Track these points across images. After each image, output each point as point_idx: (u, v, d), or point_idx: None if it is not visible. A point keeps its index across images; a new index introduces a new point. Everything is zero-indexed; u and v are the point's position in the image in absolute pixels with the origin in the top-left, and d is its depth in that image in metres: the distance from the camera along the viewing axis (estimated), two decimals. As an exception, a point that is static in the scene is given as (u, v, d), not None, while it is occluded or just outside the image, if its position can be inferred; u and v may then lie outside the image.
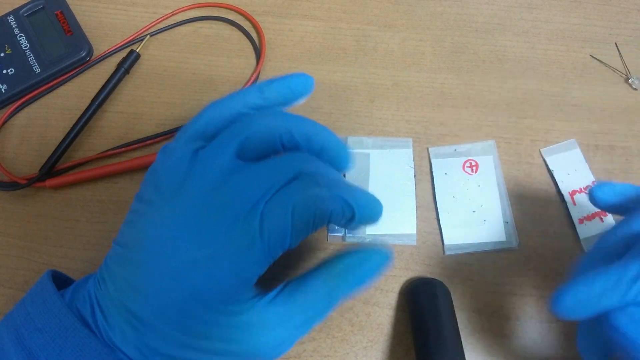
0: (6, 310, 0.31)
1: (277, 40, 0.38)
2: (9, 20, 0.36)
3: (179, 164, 0.22)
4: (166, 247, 0.21)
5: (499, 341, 0.31)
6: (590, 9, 0.39)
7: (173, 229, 0.21)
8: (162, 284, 0.21)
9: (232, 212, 0.21)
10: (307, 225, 0.21)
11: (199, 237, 0.21)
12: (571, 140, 0.35)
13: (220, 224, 0.21)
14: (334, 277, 0.22)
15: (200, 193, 0.22)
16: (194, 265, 0.21)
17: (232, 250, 0.21)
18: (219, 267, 0.21)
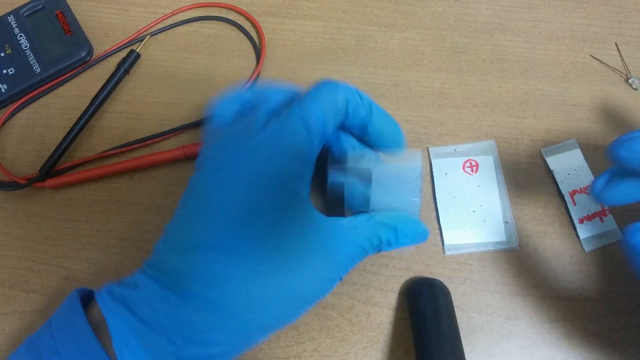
0: (6, 310, 0.31)
1: (277, 40, 0.38)
2: (9, 20, 0.36)
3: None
4: (226, 152, 0.24)
5: (499, 341, 0.31)
6: (590, 9, 0.39)
7: (229, 143, 0.25)
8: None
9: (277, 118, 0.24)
10: (332, 105, 0.24)
11: (252, 134, 0.24)
12: (571, 140, 0.35)
13: (270, 126, 0.24)
14: (380, 222, 0.25)
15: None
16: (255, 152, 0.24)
17: (282, 133, 0.24)
18: (274, 144, 0.23)
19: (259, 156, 0.23)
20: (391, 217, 0.26)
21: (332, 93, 0.24)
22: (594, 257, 0.32)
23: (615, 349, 0.30)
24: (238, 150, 0.24)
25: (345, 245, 0.24)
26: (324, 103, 0.24)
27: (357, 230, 0.25)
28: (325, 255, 0.23)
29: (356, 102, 0.25)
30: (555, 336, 0.31)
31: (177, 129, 0.35)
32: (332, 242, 0.24)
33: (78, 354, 0.21)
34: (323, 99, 0.24)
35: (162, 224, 0.33)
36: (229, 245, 0.22)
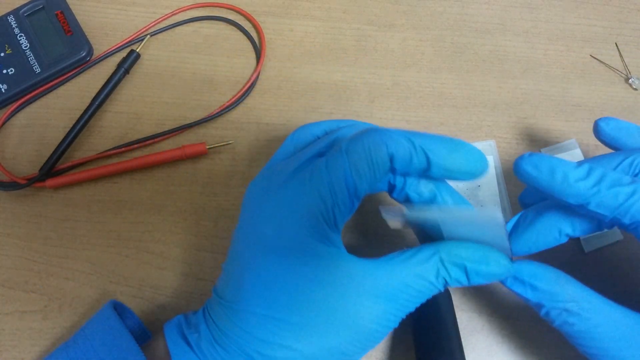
0: (6, 310, 0.31)
1: (277, 40, 0.38)
2: (9, 20, 0.36)
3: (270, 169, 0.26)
4: (254, 206, 0.24)
5: (499, 341, 0.31)
6: (590, 9, 0.39)
7: (259, 191, 0.24)
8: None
9: (305, 171, 0.23)
10: (366, 163, 0.21)
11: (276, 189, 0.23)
12: (571, 140, 0.35)
13: (296, 179, 0.22)
14: (450, 266, 0.22)
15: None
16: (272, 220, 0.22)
17: (301, 193, 0.22)
18: (291, 205, 0.22)
19: (280, 216, 0.22)
20: (461, 251, 0.22)
21: (368, 149, 0.21)
22: (594, 257, 0.32)
23: None
24: (261, 207, 0.23)
25: (390, 293, 0.21)
26: (356, 161, 0.21)
27: (410, 271, 0.22)
28: (362, 311, 0.21)
29: (405, 154, 0.21)
30: (555, 336, 0.31)
31: (177, 129, 0.34)
32: (371, 294, 0.21)
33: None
34: (356, 156, 0.21)
35: (162, 224, 0.33)
36: (260, 312, 0.21)
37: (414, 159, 0.22)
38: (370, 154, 0.21)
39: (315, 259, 0.21)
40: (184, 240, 0.32)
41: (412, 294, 0.22)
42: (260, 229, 0.22)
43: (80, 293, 0.31)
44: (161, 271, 0.32)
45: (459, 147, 0.22)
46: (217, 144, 0.34)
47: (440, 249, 0.22)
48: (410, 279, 0.21)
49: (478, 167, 0.22)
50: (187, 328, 0.23)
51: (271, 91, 0.36)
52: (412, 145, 0.21)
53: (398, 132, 0.22)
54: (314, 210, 0.21)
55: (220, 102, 0.36)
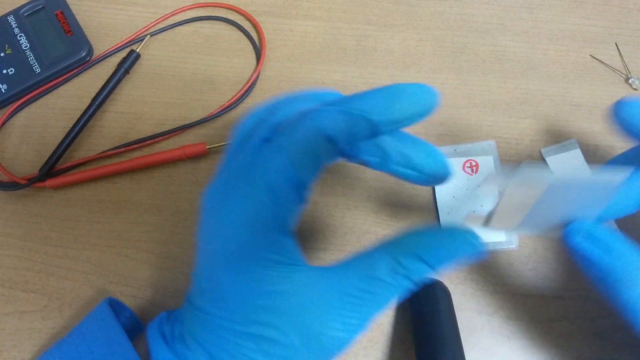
0: (6, 310, 0.31)
1: (277, 40, 0.38)
2: (9, 20, 0.36)
3: (222, 165, 0.24)
4: (207, 216, 0.22)
5: (499, 341, 0.31)
6: (590, 9, 0.39)
7: (211, 199, 0.22)
8: (208, 247, 0.22)
9: (247, 173, 0.21)
10: (305, 155, 0.20)
11: (220, 202, 0.21)
12: (571, 140, 0.35)
13: (241, 184, 0.21)
14: (403, 259, 0.20)
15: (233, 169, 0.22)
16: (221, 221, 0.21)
17: (245, 202, 0.20)
18: (236, 217, 0.20)
19: (225, 230, 0.21)
20: (410, 241, 0.21)
21: (304, 140, 0.20)
22: (594, 257, 0.32)
23: (615, 349, 0.30)
24: (211, 217, 0.22)
25: (347, 301, 0.20)
26: (294, 157, 0.20)
27: (363, 274, 0.20)
28: (321, 321, 0.20)
29: (345, 129, 0.20)
30: (555, 336, 0.31)
31: (177, 129, 0.34)
32: (327, 305, 0.20)
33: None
34: (293, 151, 0.20)
35: (162, 224, 0.33)
36: (220, 323, 0.21)
37: (357, 129, 0.20)
38: (307, 145, 0.20)
39: (267, 272, 0.20)
40: (184, 241, 0.32)
41: (371, 298, 0.20)
42: (212, 241, 0.21)
43: (80, 293, 0.31)
44: (161, 271, 0.32)
45: (397, 94, 0.20)
46: (217, 144, 0.34)
47: (390, 244, 0.21)
48: (364, 283, 0.20)
49: (425, 104, 0.21)
50: (166, 325, 0.23)
51: (271, 91, 0.36)
52: (349, 117, 0.20)
53: (331, 107, 0.20)
54: (259, 219, 0.20)
55: (220, 102, 0.36)
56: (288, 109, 0.23)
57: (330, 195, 0.33)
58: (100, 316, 0.25)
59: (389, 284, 0.20)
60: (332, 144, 0.20)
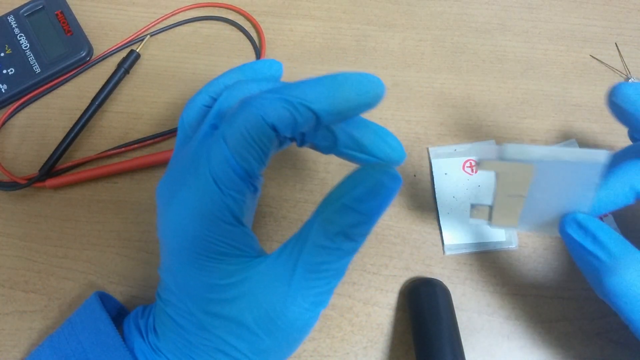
0: (6, 310, 0.31)
1: (277, 40, 0.38)
2: (9, 20, 0.36)
3: (172, 159, 0.24)
4: (160, 212, 0.22)
5: (499, 341, 0.31)
6: (590, 8, 0.39)
7: (163, 194, 0.22)
8: (166, 240, 0.22)
9: (193, 164, 0.21)
10: (248, 143, 0.19)
11: (174, 191, 0.21)
12: (571, 140, 0.35)
13: (188, 176, 0.21)
14: (331, 214, 0.19)
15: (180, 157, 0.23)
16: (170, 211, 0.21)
17: (193, 195, 0.20)
18: (186, 211, 0.20)
19: (176, 224, 0.21)
20: (332, 192, 0.19)
21: (246, 130, 0.19)
22: (594, 257, 0.32)
23: (615, 349, 0.30)
24: (165, 212, 0.22)
25: (300, 283, 0.20)
26: (237, 147, 0.20)
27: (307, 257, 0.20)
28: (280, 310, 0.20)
29: (287, 118, 0.19)
30: (555, 336, 0.31)
31: (177, 129, 0.34)
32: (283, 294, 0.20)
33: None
34: (235, 141, 0.19)
35: (162, 224, 0.33)
36: (176, 306, 0.22)
37: (299, 119, 0.20)
38: (250, 135, 0.19)
39: (219, 265, 0.20)
40: (184, 240, 0.32)
41: (324, 268, 0.20)
42: (166, 235, 0.21)
43: (80, 293, 0.31)
44: (161, 271, 0.32)
45: (340, 83, 0.20)
46: (217, 144, 0.34)
47: (320, 206, 0.20)
48: (311, 256, 0.19)
49: (371, 94, 0.21)
50: (141, 318, 0.24)
51: (271, 91, 0.36)
52: (290, 105, 0.19)
53: (271, 94, 0.20)
54: (209, 212, 0.20)
55: (220, 102, 0.36)
56: (233, 94, 0.22)
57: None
58: (89, 307, 0.25)
59: (331, 248, 0.19)
60: (275, 132, 0.20)
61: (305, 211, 0.33)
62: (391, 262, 0.32)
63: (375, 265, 0.32)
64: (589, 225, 0.23)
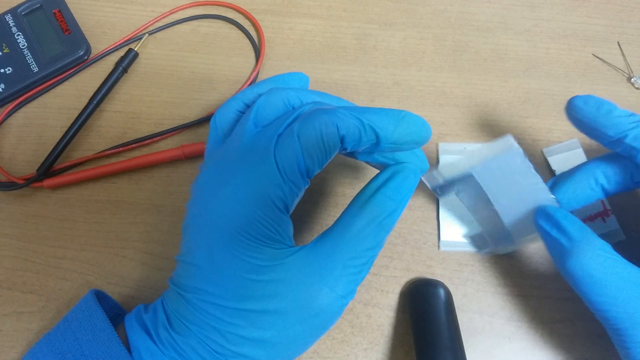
0: (4, 311, 0.31)
1: (277, 39, 0.37)
2: (6, 19, 0.36)
3: (210, 156, 0.26)
4: (204, 198, 0.23)
5: (501, 342, 0.30)
6: (592, 7, 0.39)
7: (208, 183, 0.24)
8: (202, 229, 0.23)
9: (254, 154, 0.23)
10: (318, 146, 0.22)
11: (226, 178, 0.23)
12: (573, 140, 0.35)
13: (245, 164, 0.23)
14: (371, 204, 0.22)
15: (232, 150, 0.24)
16: (223, 199, 0.22)
17: (253, 179, 0.22)
18: (243, 193, 0.22)
19: (230, 205, 0.22)
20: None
21: (320, 132, 0.22)
22: (596, 258, 0.32)
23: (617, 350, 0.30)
24: (215, 196, 0.23)
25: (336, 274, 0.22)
26: (308, 145, 0.22)
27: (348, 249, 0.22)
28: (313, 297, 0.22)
29: (355, 133, 0.22)
30: (557, 337, 0.30)
31: (176, 128, 0.34)
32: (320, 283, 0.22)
33: (104, 357, 0.22)
34: (308, 139, 0.22)
35: (160, 225, 0.33)
36: (212, 300, 0.22)
37: (364, 138, 0.22)
38: (322, 137, 0.22)
39: (266, 249, 0.22)
40: (183, 241, 0.32)
41: (357, 260, 0.22)
42: (212, 219, 0.23)
43: (78, 294, 0.31)
44: (160, 272, 0.32)
45: (405, 120, 0.23)
46: (216, 144, 0.33)
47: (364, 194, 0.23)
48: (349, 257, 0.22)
49: (423, 136, 0.24)
50: (145, 314, 0.24)
51: (271, 90, 0.36)
52: (361, 124, 0.22)
53: (345, 110, 0.22)
54: (266, 196, 0.22)
55: (219, 101, 0.35)
56: (271, 99, 0.24)
57: (331, 195, 0.33)
58: (85, 305, 0.25)
59: (368, 237, 0.22)
60: (341, 143, 0.22)
61: (305, 211, 0.33)
62: (392, 263, 0.32)
63: (375, 266, 0.32)
64: (554, 214, 0.25)
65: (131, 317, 0.24)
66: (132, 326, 0.24)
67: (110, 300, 0.28)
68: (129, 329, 0.24)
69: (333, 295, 0.21)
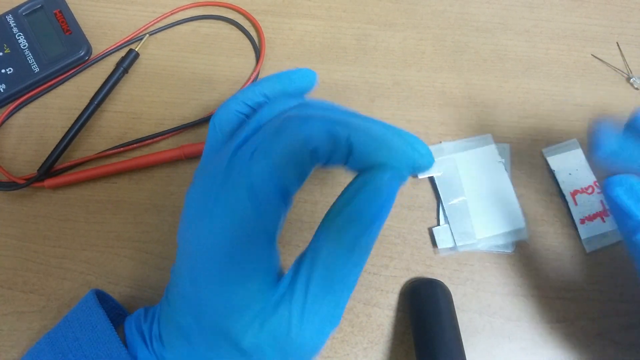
0: (4, 310, 0.31)
1: (277, 40, 0.37)
2: (7, 19, 0.36)
3: (204, 163, 0.24)
4: (191, 220, 0.21)
5: (500, 342, 0.30)
6: (591, 8, 0.39)
7: (195, 202, 0.22)
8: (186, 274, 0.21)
9: (230, 179, 0.20)
10: (288, 159, 0.19)
11: (202, 203, 0.21)
12: (573, 140, 0.35)
13: (223, 193, 0.20)
14: (336, 228, 0.19)
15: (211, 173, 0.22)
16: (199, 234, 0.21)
17: (230, 211, 0.20)
18: (222, 227, 0.20)
19: (211, 239, 0.20)
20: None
21: (291, 149, 0.19)
22: (596, 258, 0.32)
23: (617, 350, 0.30)
24: (194, 227, 0.21)
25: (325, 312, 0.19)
26: (281, 166, 0.19)
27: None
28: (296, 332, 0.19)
29: (327, 149, 0.19)
30: (556, 337, 0.30)
31: (176, 128, 0.34)
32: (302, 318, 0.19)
33: (104, 356, 0.22)
34: (280, 159, 0.19)
35: (161, 225, 0.33)
36: (190, 319, 0.21)
37: (336, 154, 0.19)
38: (293, 153, 0.19)
39: (246, 286, 0.20)
40: (183, 241, 0.32)
41: (333, 288, 0.19)
42: (195, 246, 0.21)
43: (79, 293, 0.31)
44: (160, 272, 0.32)
45: (389, 135, 0.19)
46: (216, 144, 0.33)
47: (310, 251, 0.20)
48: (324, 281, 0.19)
49: (419, 167, 0.20)
50: (144, 323, 0.24)
51: (271, 91, 0.36)
52: (335, 139, 0.19)
53: (318, 122, 0.19)
54: (245, 230, 0.19)
55: (219, 102, 0.35)
56: (268, 108, 0.22)
57: (331, 195, 0.33)
58: (86, 305, 0.25)
59: (338, 263, 0.19)
60: (315, 156, 0.20)
61: (305, 211, 0.33)
62: (392, 262, 0.32)
63: (375, 266, 0.32)
64: (634, 185, 0.23)
65: (131, 322, 0.24)
66: (132, 333, 0.24)
67: (110, 300, 0.28)
68: (129, 335, 0.24)
69: (309, 332, 0.19)
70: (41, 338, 0.25)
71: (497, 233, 0.32)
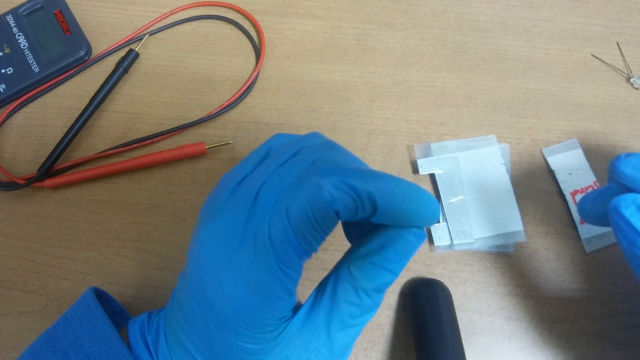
0: (4, 310, 0.31)
1: (277, 40, 0.37)
2: (7, 19, 0.36)
3: (221, 193, 0.22)
4: (198, 267, 0.21)
5: (500, 342, 0.30)
6: (591, 8, 0.39)
7: (205, 249, 0.21)
8: (193, 310, 0.21)
9: (245, 228, 0.20)
10: (310, 224, 0.19)
11: (221, 252, 0.20)
12: (572, 140, 0.35)
13: (242, 250, 0.20)
14: (361, 273, 0.20)
15: (231, 214, 0.21)
16: (211, 281, 0.20)
17: (242, 262, 0.20)
18: (241, 286, 0.20)
19: (229, 295, 0.20)
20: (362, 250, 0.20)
21: (312, 213, 0.18)
22: (595, 258, 0.32)
23: (617, 350, 0.30)
24: (211, 279, 0.20)
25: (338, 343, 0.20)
26: (302, 230, 0.19)
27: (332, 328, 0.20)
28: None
29: (351, 209, 0.19)
30: (556, 337, 0.30)
31: (176, 128, 0.34)
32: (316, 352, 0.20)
33: (105, 354, 0.22)
34: (300, 224, 0.19)
35: (161, 225, 0.33)
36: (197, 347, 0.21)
37: (360, 212, 0.19)
38: (315, 218, 0.19)
39: (260, 335, 0.20)
40: (183, 241, 0.32)
41: (354, 326, 0.21)
42: (213, 304, 0.20)
43: (79, 293, 0.31)
44: (160, 272, 0.32)
45: (412, 198, 0.19)
46: (216, 144, 0.34)
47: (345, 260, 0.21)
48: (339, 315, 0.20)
49: (426, 222, 0.20)
50: (148, 332, 0.24)
51: (271, 90, 0.36)
52: (359, 199, 0.19)
53: (340, 180, 0.19)
54: (266, 290, 0.19)
55: (219, 102, 0.35)
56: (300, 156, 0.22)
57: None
58: (85, 303, 0.25)
59: (362, 305, 0.20)
60: (337, 217, 0.19)
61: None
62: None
63: (375, 266, 0.32)
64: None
65: (135, 329, 0.24)
66: (136, 342, 0.23)
67: (109, 298, 0.28)
68: (134, 343, 0.23)
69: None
70: (40, 336, 0.25)
71: (494, 234, 0.32)
